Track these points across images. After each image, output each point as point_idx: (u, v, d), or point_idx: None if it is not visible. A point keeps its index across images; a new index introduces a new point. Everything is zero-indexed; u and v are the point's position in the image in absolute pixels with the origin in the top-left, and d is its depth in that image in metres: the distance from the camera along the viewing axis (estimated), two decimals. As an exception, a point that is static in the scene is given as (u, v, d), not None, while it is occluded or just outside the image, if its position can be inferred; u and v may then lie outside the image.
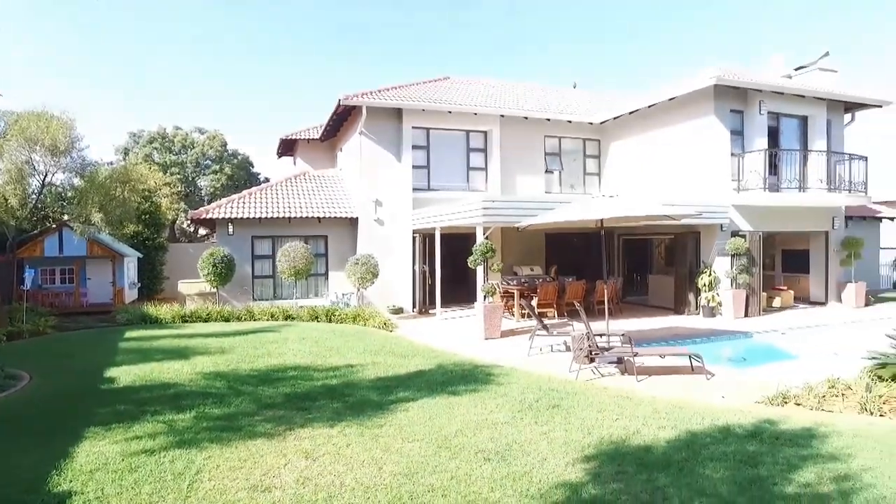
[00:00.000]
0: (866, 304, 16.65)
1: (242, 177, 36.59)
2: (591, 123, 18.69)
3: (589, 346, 8.44)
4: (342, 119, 18.01)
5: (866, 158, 15.76)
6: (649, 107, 16.62)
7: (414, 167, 16.66)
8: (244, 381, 7.79)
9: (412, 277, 16.32)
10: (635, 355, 8.33)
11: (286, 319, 14.09)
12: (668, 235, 16.41)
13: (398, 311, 15.75)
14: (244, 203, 16.82)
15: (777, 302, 16.34)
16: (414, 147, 16.72)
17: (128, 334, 12.08)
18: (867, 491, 4.33)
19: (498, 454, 5.07)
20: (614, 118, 18.04)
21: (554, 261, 18.32)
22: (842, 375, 7.40)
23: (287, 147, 23.57)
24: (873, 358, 7.72)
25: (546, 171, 18.60)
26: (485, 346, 10.98)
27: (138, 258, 20.13)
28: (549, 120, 18.19)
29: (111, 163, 29.20)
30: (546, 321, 12.43)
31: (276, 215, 16.27)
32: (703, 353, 9.09)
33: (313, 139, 21.51)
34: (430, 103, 16.47)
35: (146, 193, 21.51)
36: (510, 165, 17.83)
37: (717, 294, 14.50)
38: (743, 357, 11.21)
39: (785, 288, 17.16)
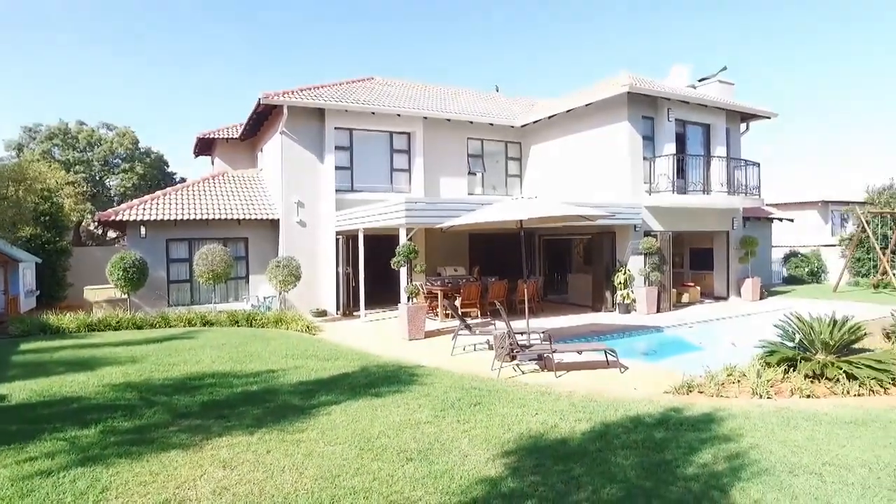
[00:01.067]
0: (761, 298, 18.04)
1: (156, 176, 34.76)
2: (513, 127, 19.17)
3: (510, 344, 8.68)
4: (262, 118, 17.55)
5: (759, 164, 17.10)
6: (567, 112, 17.24)
7: (337, 168, 16.47)
8: (157, 390, 7.44)
9: (336, 279, 16.14)
10: (554, 352, 8.65)
11: (204, 325, 13.55)
12: (586, 236, 17.10)
13: (322, 313, 15.53)
14: (158, 204, 16.03)
15: (686, 297, 17.38)
16: (337, 148, 16.53)
17: (24, 346, 11.10)
18: (753, 466, 4.75)
19: (420, 453, 5.14)
20: (534, 122, 18.59)
21: (477, 261, 18.66)
22: (738, 363, 8.01)
23: (205, 146, 22.67)
24: (763, 347, 8.41)
25: (469, 173, 18.90)
26: (409, 346, 11.04)
27: (36, 263, 18.68)
28: (471, 123, 18.49)
29: (1, 159, 26.96)
30: (469, 321, 12.65)
31: (193, 217, 15.62)
32: (619, 347, 9.55)
33: (233, 138, 20.81)
34: (353, 104, 16.34)
35: (45, 193, 20.02)
36: (434, 167, 17.98)
37: (632, 291, 15.26)
38: (655, 350, 11.89)
39: (692, 284, 18.27)
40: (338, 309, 16.12)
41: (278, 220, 16.20)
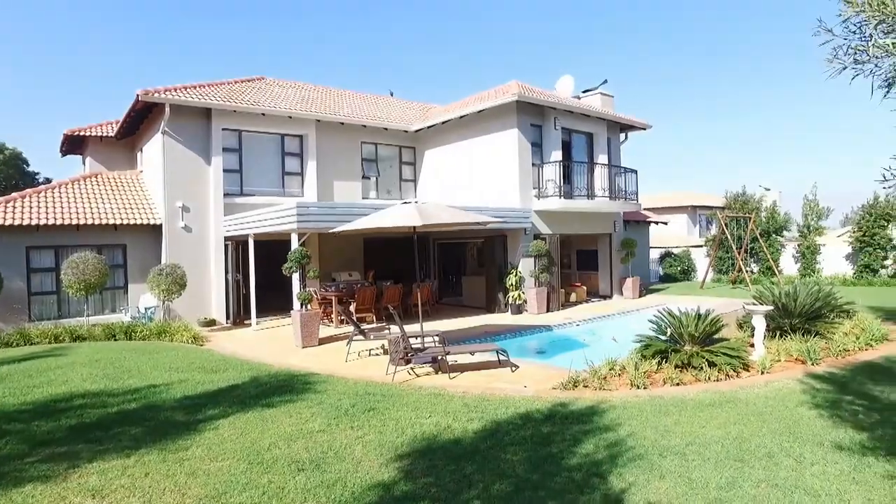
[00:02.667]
0: (641, 296, 19.43)
1: (13, 176, 31.35)
2: (407, 131, 19.29)
3: (404, 348, 8.73)
4: (142, 116, 16.39)
5: (636, 171, 18.44)
6: (460, 118, 17.63)
7: (225, 171, 15.73)
8: (12, 417, 6.67)
9: (225, 287, 15.41)
10: (448, 354, 8.82)
11: (75, 340, 12.41)
12: (479, 239, 17.56)
13: (210, 323, 14.77)
14: (15, 208, 14.43)
15: (574, 297, 18.33)
16: (225, 150, 15.79)
17: None
18: (629, 452, 5.13)
19: (312, 463, 5.05)
20: (428, 127, 18.83)
21: (372, 266, 18.58)
22: (619, 357, 8.58)
23: (74, 144, 20.75)
24: (640, 341, 9.08)
25: (363, 177, 18.78)
26: (302, 354, 10.78)
27: None
28: (365, 126, 18.40)
29: None
30: (365, 326, 12.58)
31: (60, 222, 14.23)
32: (511, 347, 9.90)
33: (108, 137, 19.23)
34: (242, 104, 15.71)
35: None
36: (327, 171, 17.70)
37: (523, 292, 15.87)
38: (545, 348, 12.44)
39: (580, 284, 19.32)
40: (228, 318, 15.40)
41: (161, 225, 15.19)
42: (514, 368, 8.91)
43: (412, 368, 8.98)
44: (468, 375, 8.63)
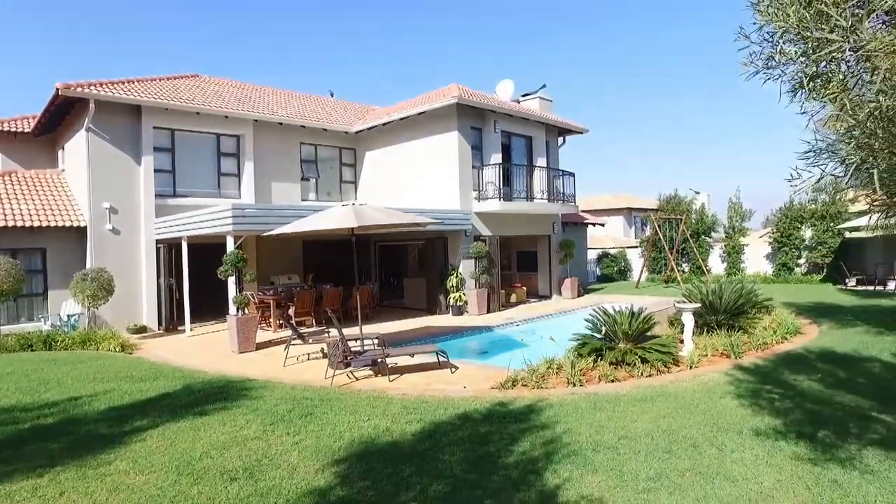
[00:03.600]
0: (579, 296, 19.93)
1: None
2: (347, 133, 19.08)
3: (343, 351, 8.62)
4: (63, 112, 15.49)
5: (574, 175, 18.91)
6: (401, 120, 17.58)
7: (157, 171, 15.07)
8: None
9: (157, 292, 14.77)
10: (387, 356, 8.76)
11: (-16, 351, 11.57)
12: (420, 241, 17.56)
13: (140, 330, 14.12)
14: (-80, 210, 13.35)
15: (514, 298, 18.60)
16: (156, 149, 15.12)
17: None
18: (564, 448, 5.24)
19: (246, 471, 4.90)
20: (369, 128, 18.68)
21: (312, 268, 18.26)
22: (557, 356, 8.76)
23: (-15, 141, 19.34)
24: (577, 339, 9.31)
25: (302, 179, 18.45)
26: (239, 360, 10.47)
27: None
28: (304, 127, 18.08)
29: None
30: (304, 330, 12.35)
31: (-31, 225, 13.27)
32: (452, 348, 9.94)
33: (23, 133, 18.03)
34: (174, 102, 15.09)
35: None
36: (265, 172, 17.27)
37: (464, 293, 15.97)
38: (485, 349, 12.57)
39: (520, 285, 19.62)
40: (160, 324, 14.76)
41: (85, 227, 14.39)
42: (453, 369, 8.95)
43: (352, 372, 8.87)
44: (408, 377, 8.60)
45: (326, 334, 11.67)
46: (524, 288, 19.48)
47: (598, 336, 9.41)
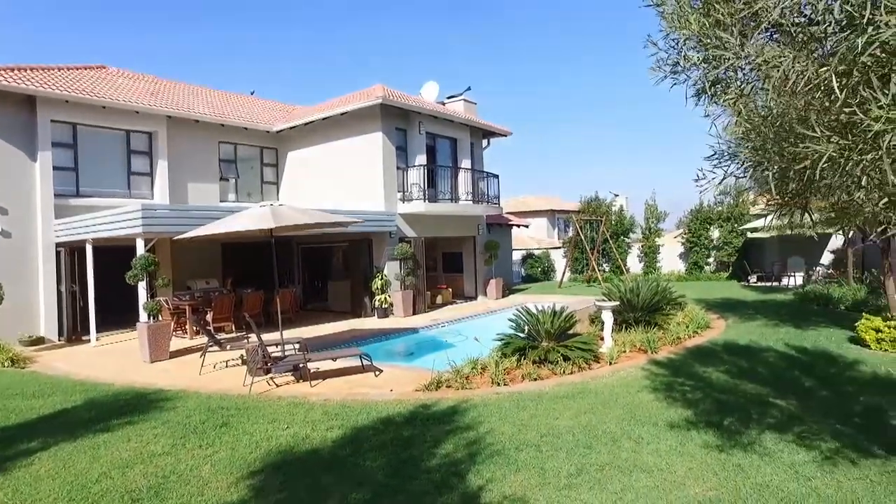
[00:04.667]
0: (504, 296, 20.22)
1: None
2: (269, 132, 18.47)
3: (263, 356, 8.28)
4: (-57, 103, 14.05)
5: (498, 176, 19.20)
6: (324, 120, 17.21)
7: (56, 168, 13.92)
8: None
9: (57, 299, 13.66)
10: (309, 361, 8.50)
11: None
12: (344, 243, 17.25)
13: (37, 341, 13.02)
14: None
15: (440, 299, 18.62)
16: (55, 144, 13.98)
17: None
18: (488, 449, 5.23)
19: (151, 490, 4.56)
20: (291, 128, 18.18)
21: (231, 272, 17.52)
22: (482, 356, 8.80)
23: None
24: (501, 339, 9.40)
25: (221, 179, 17.69)
26: (151, 370, 9.85)
27: None
28: (223, 126, 17.35)
29: None
30: (223, 336, 11.83)
31: None
32: (377, 351, 9.78)
33: None
34: (76, 94, 14.00)
35: None
36: (181, 171, 16.41)
37: (389, 296, 15.81)
38: (411, 351, 12.48)
39: (445, 286, 19.66)
40: (61, 334, 13.66)
41: (-29, 230, 13.12)
42: (377, 372, 8.79)
43: (272, 378, 8.53)
44: (331, 382, 8.38)
45: (245, 340, 11.21)
46: (450, 289, 19.54)
47: (522, 335, 9.54)
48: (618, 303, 10.63)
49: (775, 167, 2.61)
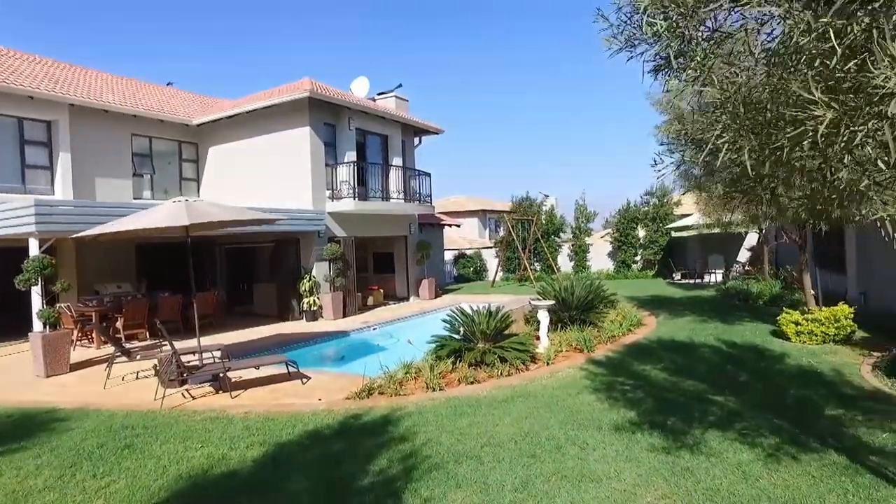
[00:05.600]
0: (437, 296, 19.89)
1: None
2: (188, 125, 17.30)
3: (177, 366, 7.53)
4: None
5: (430, 175, 18.84)
6: (249, 113, 16.26)
7: (-65, 161, 12.41)
8: None
9: (-64, 308, 12.14)
10: (229, 370, 7.81)
11: None
12: (271, 243, 16.37)
13: (-88, 355, 11.49)
14: None
15: (371, 301, 18.05)
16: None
17: None
18: (425, 463, 4.83)
19: (29, 533, 3.87)
20: (213, 121, 17.08)
21: (147, 275, 16.25)
22: (416, 359, 8.40)
23: None
24: (436, 341, 9.02)
25: (135, 175, 16.39)
26: (46, 386, 8.80)
27: None
28: (136, 117, 16.06)
29: None
30: (136, 344, 10.84)
31: None
32: (306, 356, 9.18)
33: None
34: (-43, 78, 12.53)
35: None
36: (87, 165, 15.01)
37: (318, 298, 15.11)
38: (342, 355, 11.91)
39: (377, 287, 19.11)
40: (-60, 347, 12.14)
41: None
42: (305, 380, 8.20)
43: (188, 390, 7.78)
44: (254, 392, 7.72)
45: (159, 349, 10.27)
46: (381, 290, 19.00)
47: (457, 337, 9.19)
48: (553, 302, 10.49)
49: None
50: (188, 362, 7.95)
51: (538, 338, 9.79)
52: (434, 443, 5.28)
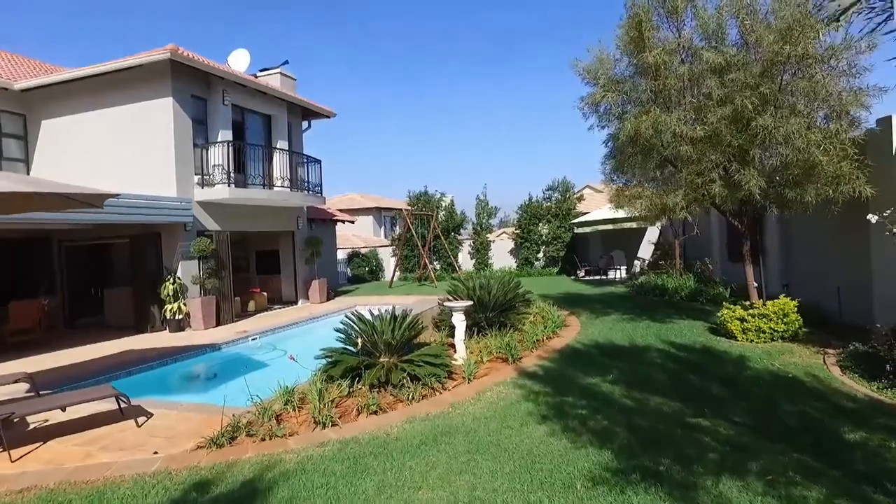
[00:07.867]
0: (329, 299, 17.70)
1: None
2: (8, 89, 13.82)
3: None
4: None
5: (321, 162, 16.63)
6: (96, 77, 13.20)
7: None
8: None
9: None
10: (24, 414, 5.37)
11: None
12: (124, 240, 13.38)
13: None
14: None
15: (252, 305, 15.55)
16: None
17: None
18: None
19: None
20: (47, 85, 13.76)
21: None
22: (299, 381, 6.41)
23: None
24: (327, 356, 7.03)
25: (-66, 152, 12.79)
26: None
27: None
28: (-66, 77, 12.50)
29: None
30: None
31: None
32: (157, 381, 6.89)
33: None
34: None
35: None
36: None
37: (185, 304, 12.46)
38: (211, 374, 9.59)
39: (259, 290, 16.59)
40: None
41: None
42: (140, 420, 5.90)
43: (-48, 447, 5.24)
44: (60, 444, 5.32)
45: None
46: (265, 293, 16.50)
47: (354, 350, 7.21)
48: (471, 303, 8.79)
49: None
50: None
51: (453, 346, 8.09)
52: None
